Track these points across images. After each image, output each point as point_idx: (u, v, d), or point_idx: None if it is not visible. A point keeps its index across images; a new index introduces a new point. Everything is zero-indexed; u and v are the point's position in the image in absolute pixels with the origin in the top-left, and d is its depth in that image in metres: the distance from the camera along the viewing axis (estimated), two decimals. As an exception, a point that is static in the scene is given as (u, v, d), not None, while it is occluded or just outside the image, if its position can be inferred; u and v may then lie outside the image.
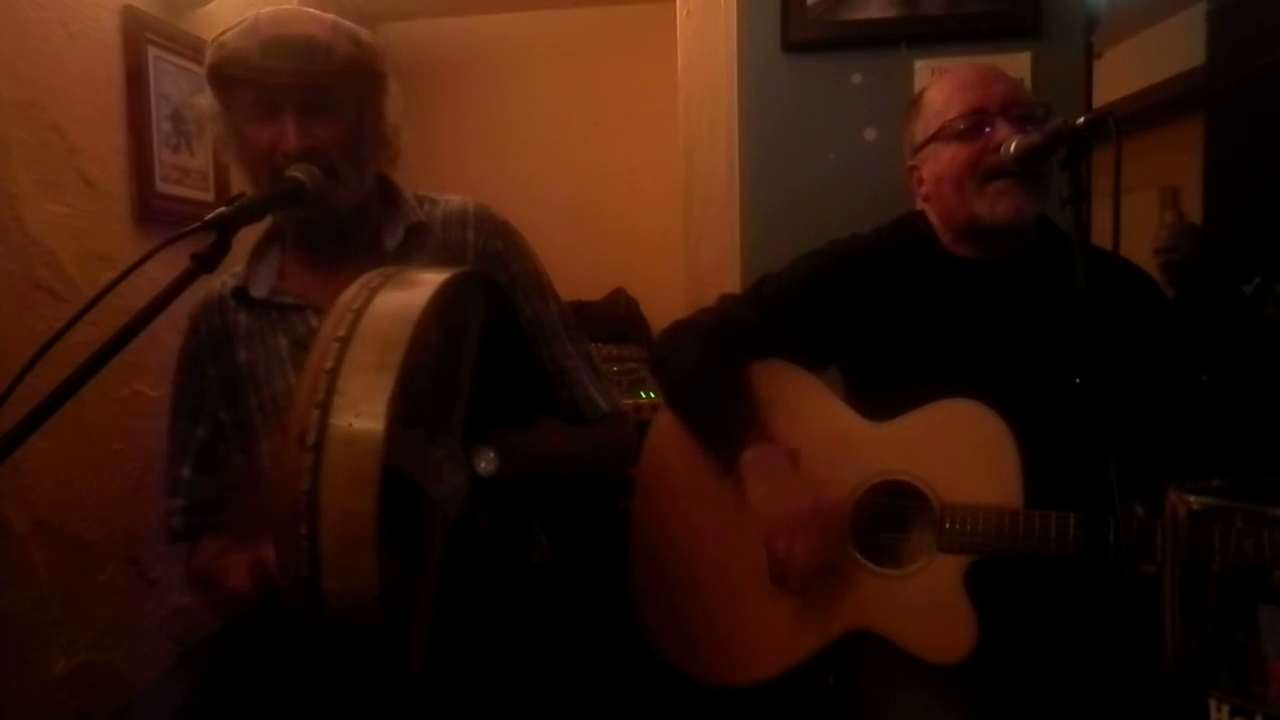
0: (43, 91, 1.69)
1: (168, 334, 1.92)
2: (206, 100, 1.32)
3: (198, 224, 1.06)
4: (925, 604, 1.32)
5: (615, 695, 1.45)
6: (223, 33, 1.28)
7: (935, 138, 1.41)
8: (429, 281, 1.04)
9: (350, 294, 1.02)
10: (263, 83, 1.24)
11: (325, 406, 0.92)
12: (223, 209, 1.07)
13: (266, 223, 1.39)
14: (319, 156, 1.26)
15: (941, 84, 1.45)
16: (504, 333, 1.25)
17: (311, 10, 1.31)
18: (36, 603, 1.66)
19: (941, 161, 1.41)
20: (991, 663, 1.26)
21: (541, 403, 1.38)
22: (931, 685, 1.27)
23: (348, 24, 1.31)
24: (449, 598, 1.08)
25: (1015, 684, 1.27)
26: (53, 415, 0.91)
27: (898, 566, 1.37)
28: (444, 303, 1.04)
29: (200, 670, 1.24)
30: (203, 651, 1.29)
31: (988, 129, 1.36)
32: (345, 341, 0.96)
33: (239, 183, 1.34)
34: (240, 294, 1.37)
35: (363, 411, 0.91)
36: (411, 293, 1.03)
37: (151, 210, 1.92)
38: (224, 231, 1.06)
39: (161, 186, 1.95)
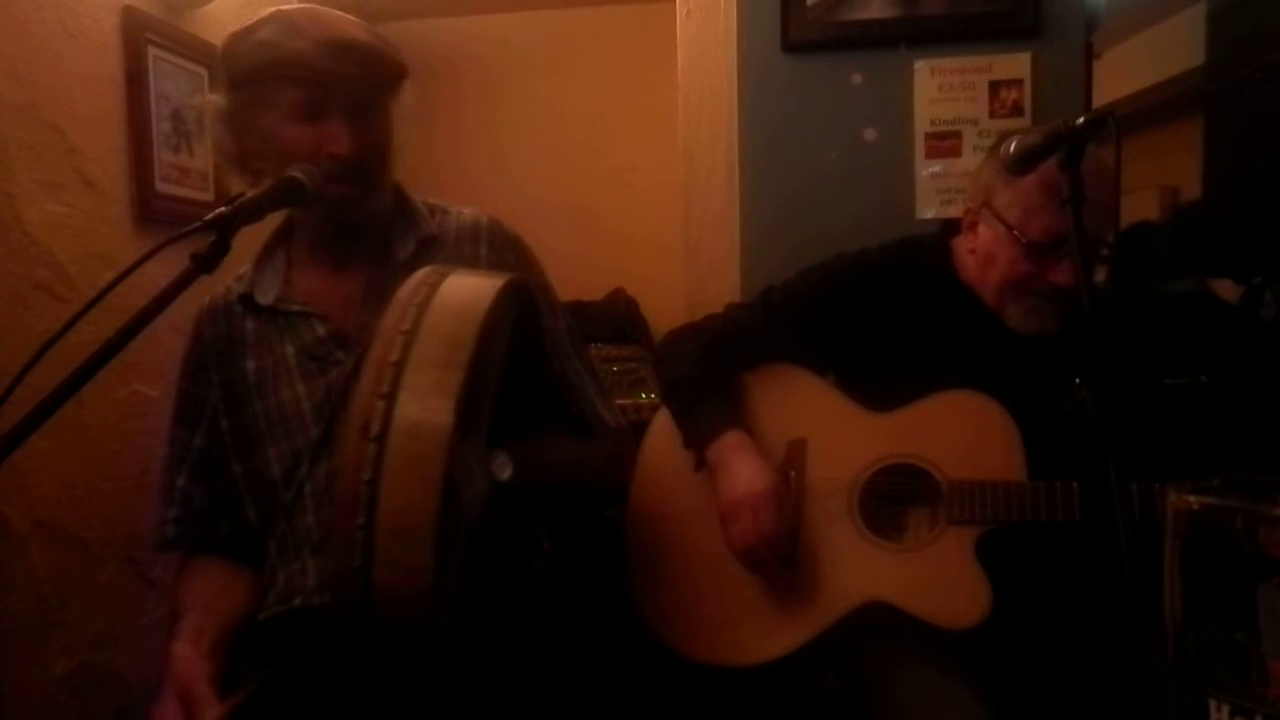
0: (43, 91, 1.69)
1: (168, 334, 1.93)
2: (219, 99, 1.31)
3: (198, 224, 1.05)
4: (938, 573, 1.36)
5: (621, 695, 1.45)
6: (247, 30, 1.27)
7: (1009, 226, 1.39)
8: (489, 285, 1.05)
9: (410, 289, 1.03)
10: (317, 84, 1.24)
11: (391, 398, 0.92)
12: (223, 209, 1.07)
13: (272, 225, 1.38)
14: (364, 161, 1.27)
15: (1045, 180, 1.30)
16: (528, 344, 1.25)
17: (339, 13, 1.31)
18: (36, 603, 1.66)
19: (1001, 249, 1.41)
20: (997, 636, 1.29)
21: (550, 415, 1.39)
22: (938, 662, 1.29)
23: (373, 29, 1.32)
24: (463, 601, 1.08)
25: (1021, 657, 1.29)
26: (53, 415, 0.91)
27: (908, 543, 1.41)
28: (503, 306, 1.05)
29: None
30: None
31: (1055, 259, 1.35)
32: (411, 335, 0.96)
33: (240, 183, 1.34)
34: (246, 300, 1.37)
35: (430, 407, 0.91)
36: (474, 293, 1.03)
37: (151, 210, 1.92)
38: (224, 231, 1.06)
39: (161, 186, 1.95)
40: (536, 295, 1.32)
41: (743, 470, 1.40)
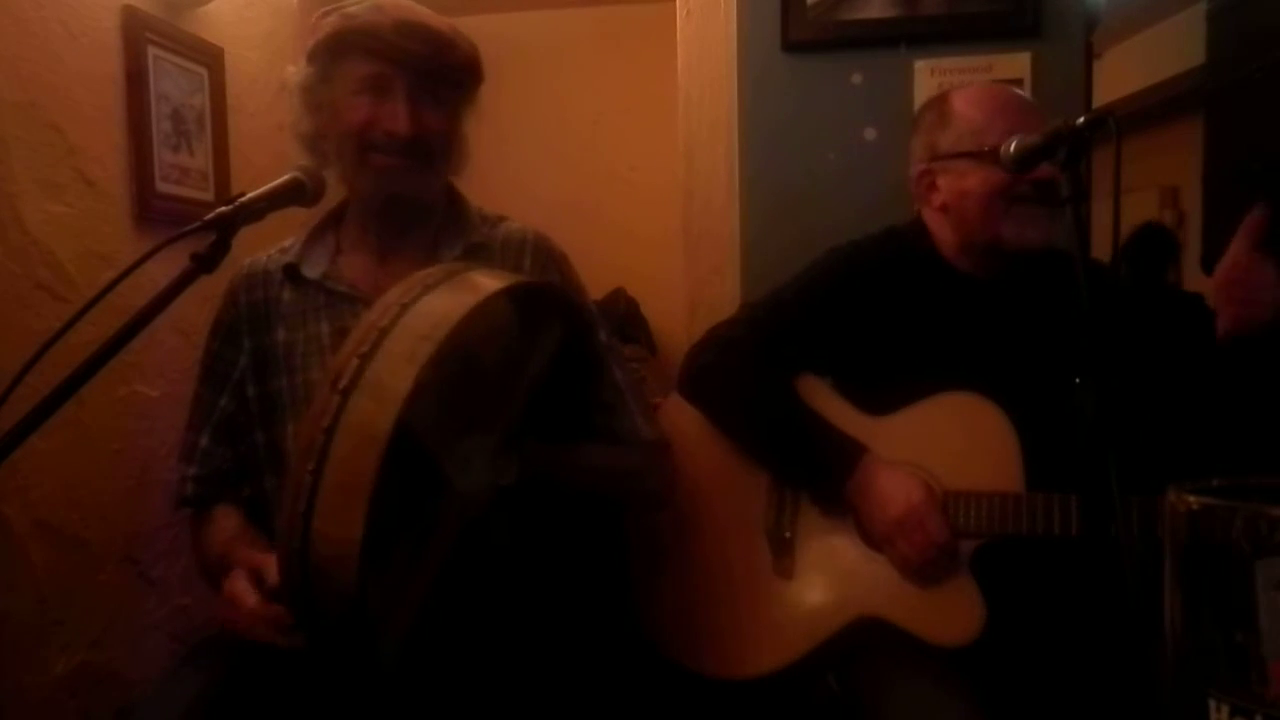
0: (43, 91, 1.69)
1: (168, 334, 1.93)
2: (296, 71, 1.34)
3: (198, 224, 1.06)
4: (932, 588, 1.34)
5: (621, 705, 1.44)
6: (337, 6, 1.31)
7: (969, 155, 1.41)
8: (496, 280, 1.09)
9: (428, 271, 1.08)
10: (386, 58, 1.27)
11: (366, 358, 0.96)
12: (223, 208, 1.08)
13: (326, 205, 1.38)
14: (421, 143, 1.29)
15: (978, 101, 1.44)
16: (574, 364, 1.26)
17: (427, 10, 1.34)
18: (36, 603, 1.66)
19: (971, 180, 1.41)
20: (994, 649, 1.28)
21: (589, 431, 1.39)
22: (935, 675, 1.28)
23: (462, 31, 1.35)
24: (448, 599, 1.08)
25: (1018, 670, 1.29)
26: (53, 415, 0.92)
27: None
28: (514, 299, 1.08)
29: (205, 668, 1.24)
30: (207, 650, 1.29)
31: None
32: (405, 308, 1.00)
33: (239, 182, 1.35)
34: (290, 270, 1.38)
35: (398, 371, 0.95)
36: (483, 280, 1.08)
37: (151, 210, 1.92)
38: (224, 231, 1.06)
39: (161, 186, 1.95)
40: (578, 310, 1.31)
41: (893, 487, 1.35)
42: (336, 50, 1.29)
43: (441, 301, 1.02)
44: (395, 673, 1.03)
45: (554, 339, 1.20)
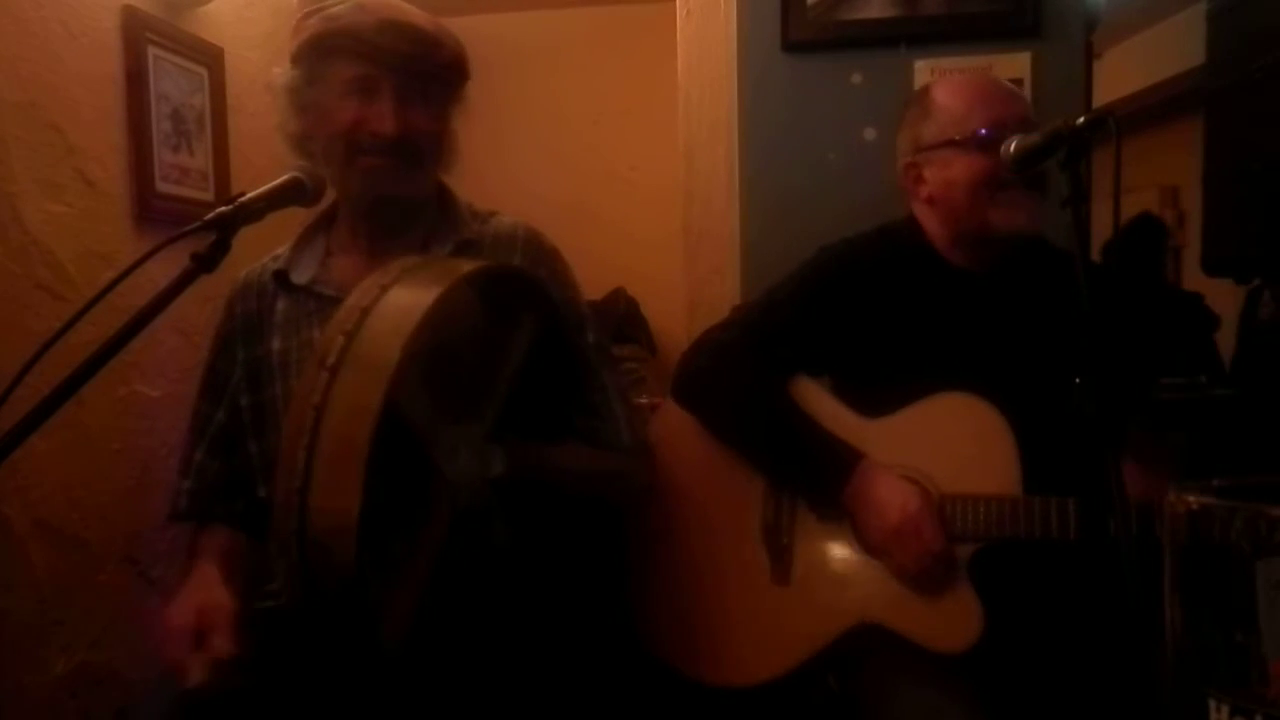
0: (43, 91, 1.69)
1: (168, 334, 1.93)
2: (281, 73, 1.34)
3: (198, 224, 1.06)
4: (930, 593, 1.33)
5: (619, 705, 1.43)
6: (320, 7, 1.30)
7: (952, 144, 1.41)
8: (469, 266, 1.12)
9: (400, 260, 1.10)
10: (371, 59, 1.26)
11: (351, 335, 0.97)
12: (223, 208, 1.08)
13: (317, 209, 1.38)
14: (408, 143, 1.29)
15: (958, 91, 1.45)
16: (555, 357, 1.26)
17: (411, 7, 1.33)
18: (36, 603, 1.66)
19: (956, 168, 1.41)
20: (995, 652, 1.28)
21: (571, 428, 1.38)
22: (935, 679, 1.28)
23: (446, 27, 1.34)
24: (447, 598, 1.08)
25: (1018, 673, 1.28)
26: (53, 415, 0.92)
27: None
28: (486, 279, 1.10)
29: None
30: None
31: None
32: (385, 289, 1.02)
33: (239, 182, 1.34)
34: (281, 277, 1.38)
35: (384, 344, 0.96)
36: (454, 270, 1.10)
37: (151, 210, 1.92)
38: (224, 231, 1.06)
39: (161, 186, 1.95)
40: (560, 304, 1.30)
41: (889, 495, 1.34)
42: (321, 52, 1.29)
43: (418, 285, 1.04)
44: (395, 668, 1.03)
45: (528, 330, 1.20)
